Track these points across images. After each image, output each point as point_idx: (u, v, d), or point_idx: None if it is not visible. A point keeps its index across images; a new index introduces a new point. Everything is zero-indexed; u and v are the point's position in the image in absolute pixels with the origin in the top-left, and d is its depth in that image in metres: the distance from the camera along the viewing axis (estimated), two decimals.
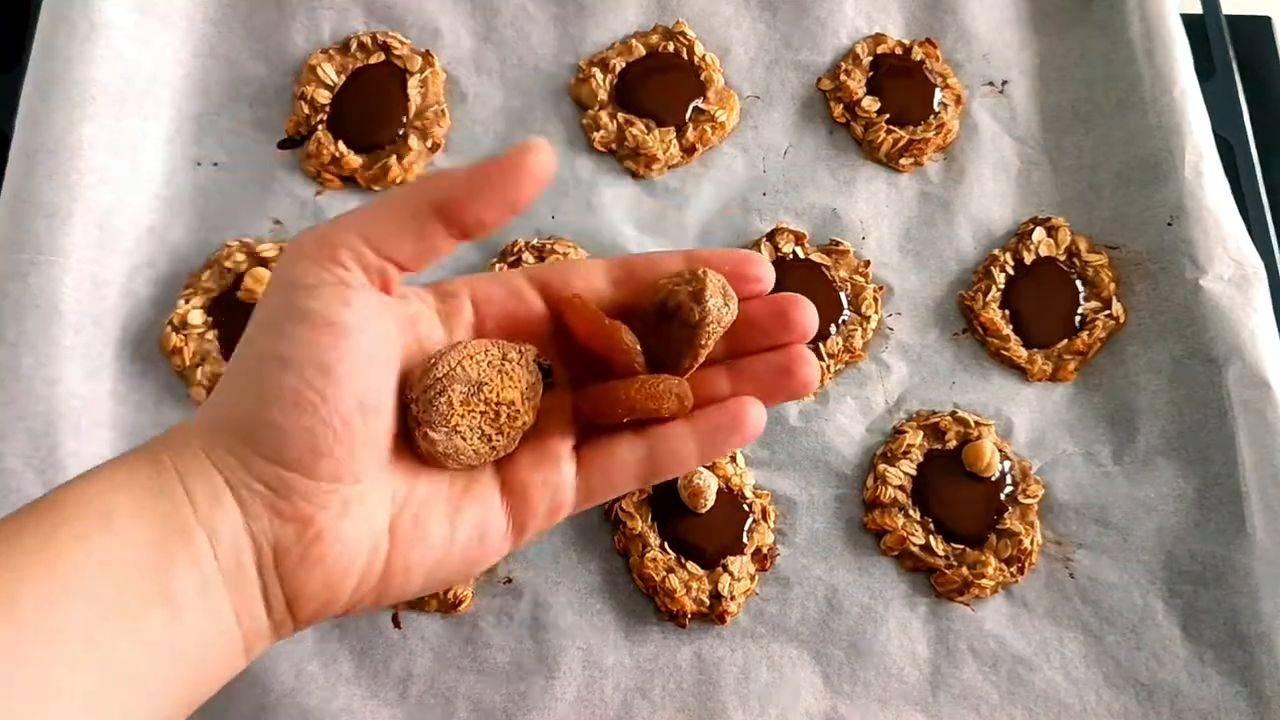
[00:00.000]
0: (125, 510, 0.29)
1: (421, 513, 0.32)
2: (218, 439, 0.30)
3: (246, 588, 0.30)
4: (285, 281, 0.31)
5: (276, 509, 0.30)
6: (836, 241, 0.56)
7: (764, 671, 0.48)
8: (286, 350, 0.29)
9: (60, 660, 0.26)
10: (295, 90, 0.57)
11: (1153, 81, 0.58)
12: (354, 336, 0.30)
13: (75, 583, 0.27)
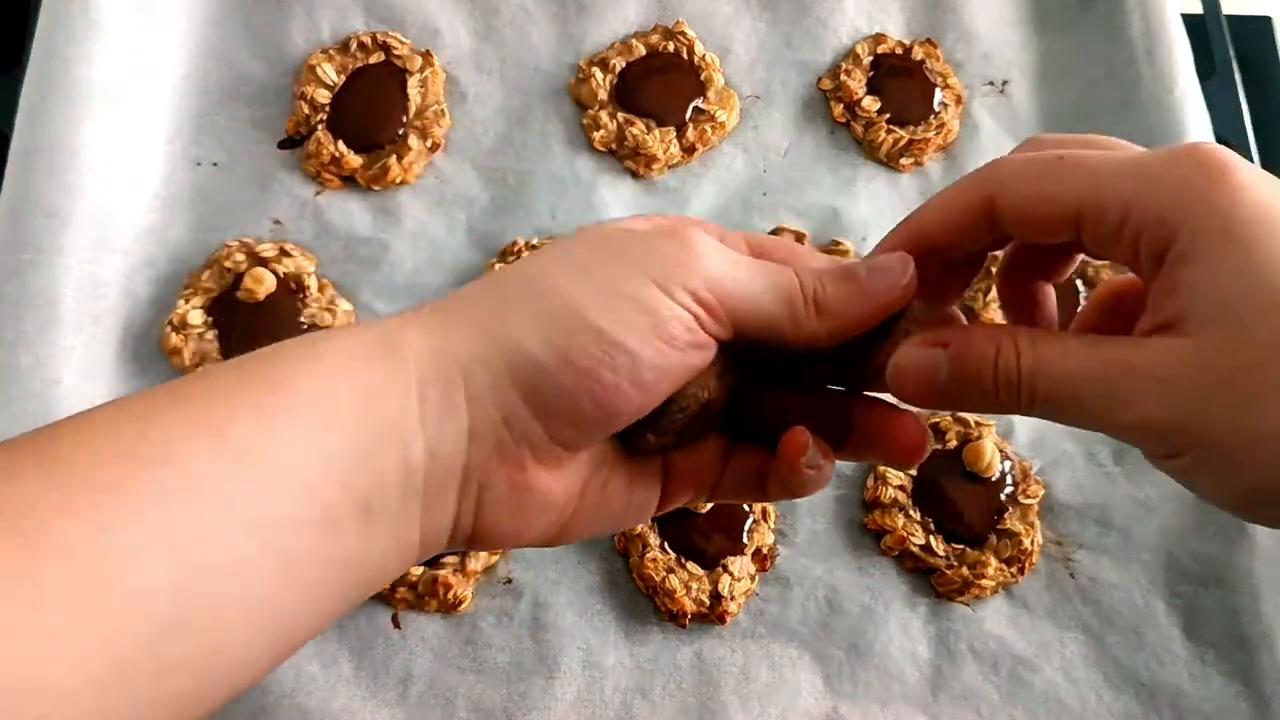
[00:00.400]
0: (350, 413, 0.27)
1: (609, 482, 0.32)
2: (488, 361, 0.28)
3: (441, 508, 0.29)
4: (645, 267, 0.29)
5: (503, 452, 0.29)
6: (837, 241, 0.56)
7: (764, 672, 0.48)
8: (615, 332, 0.28)
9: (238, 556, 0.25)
10: (295, 90, 0.57)
11: (1153, 81, 0.58)
12: (683, 356, 0.29)
13: (280, 478, 0.26)
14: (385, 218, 0.56)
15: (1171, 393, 0.27)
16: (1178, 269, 0.28)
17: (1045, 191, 0.29)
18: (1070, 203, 0.29)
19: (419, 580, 0.48)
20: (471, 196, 0.57)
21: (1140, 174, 0.28)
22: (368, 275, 0.54)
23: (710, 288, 0.29)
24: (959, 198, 0.31)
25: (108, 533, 0.24)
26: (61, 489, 0.24)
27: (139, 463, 0.25)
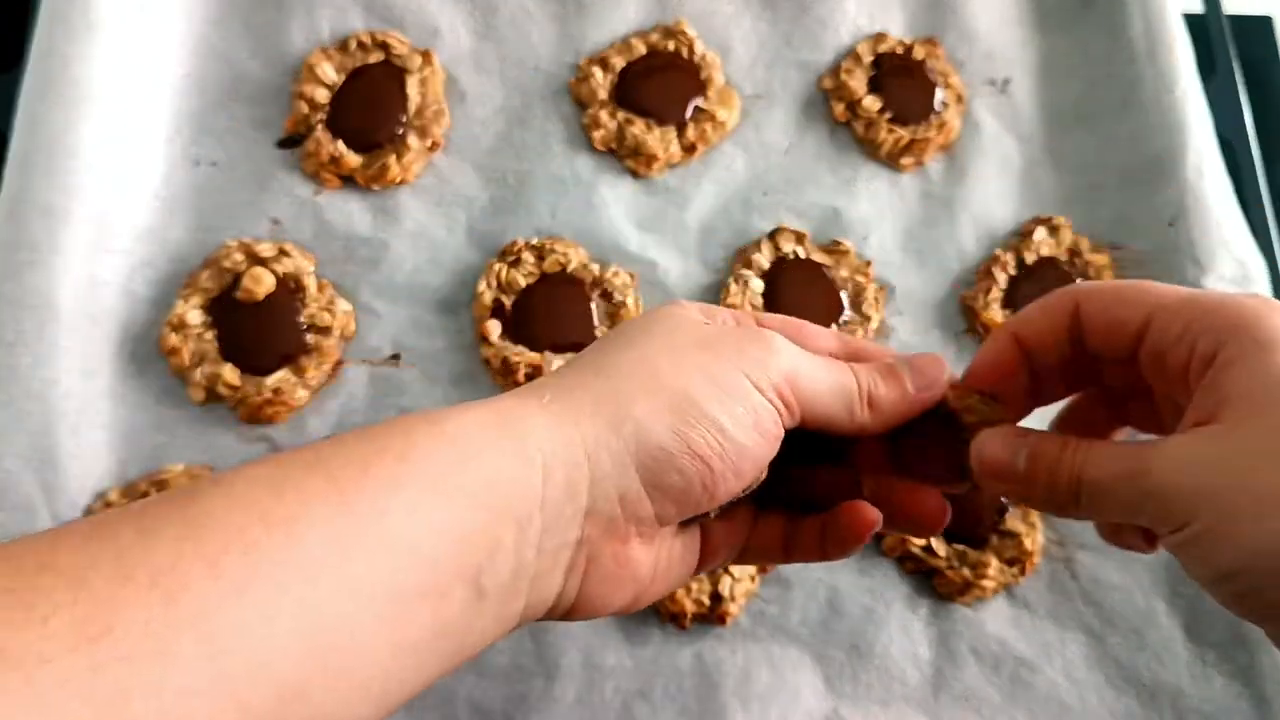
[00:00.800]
0: (473, 489, 0.29)
1: (671, 553, 0.35)
2: (613, 446, 0.31)
3: (549, 583, 0.31)
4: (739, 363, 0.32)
5: (614, 528, 0.31)
6: (838, 241, 0.56)
7: (765, 673, 0.48)
8: (728, 425, 0.31)
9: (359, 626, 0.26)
10: (294, 89, 0.57)
11: (1154, 81, 0.58)
12: (768, 446, 0.32)
13: (401, 547, 0.27)
14: (384, 217, 0.56)
15: (1194, 462, 0.31)
16: (1222, 372, 0.32)
17: (1122, 300, 0.34)
18: (1141, 313, 0.34)
19: None
20: (471, 196, 0.56)
21: (1202, 297, 0.33)
22: (367, 275, 0.54)
23: (789, 383, 0.33)
24: (1052, 301, 0.36)
25: (244, 597, 0.24)
26: (200, 550, 0.24)
27: (274, 530, 0.25)
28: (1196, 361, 0.33)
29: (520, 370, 0.51)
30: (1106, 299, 0.35)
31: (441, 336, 0.53)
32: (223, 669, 0.23)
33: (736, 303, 0.54)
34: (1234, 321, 0.32)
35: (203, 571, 0.24)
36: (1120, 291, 0.35)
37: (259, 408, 0.50)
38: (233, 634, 0.24)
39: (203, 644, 0.23)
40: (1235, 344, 0.32)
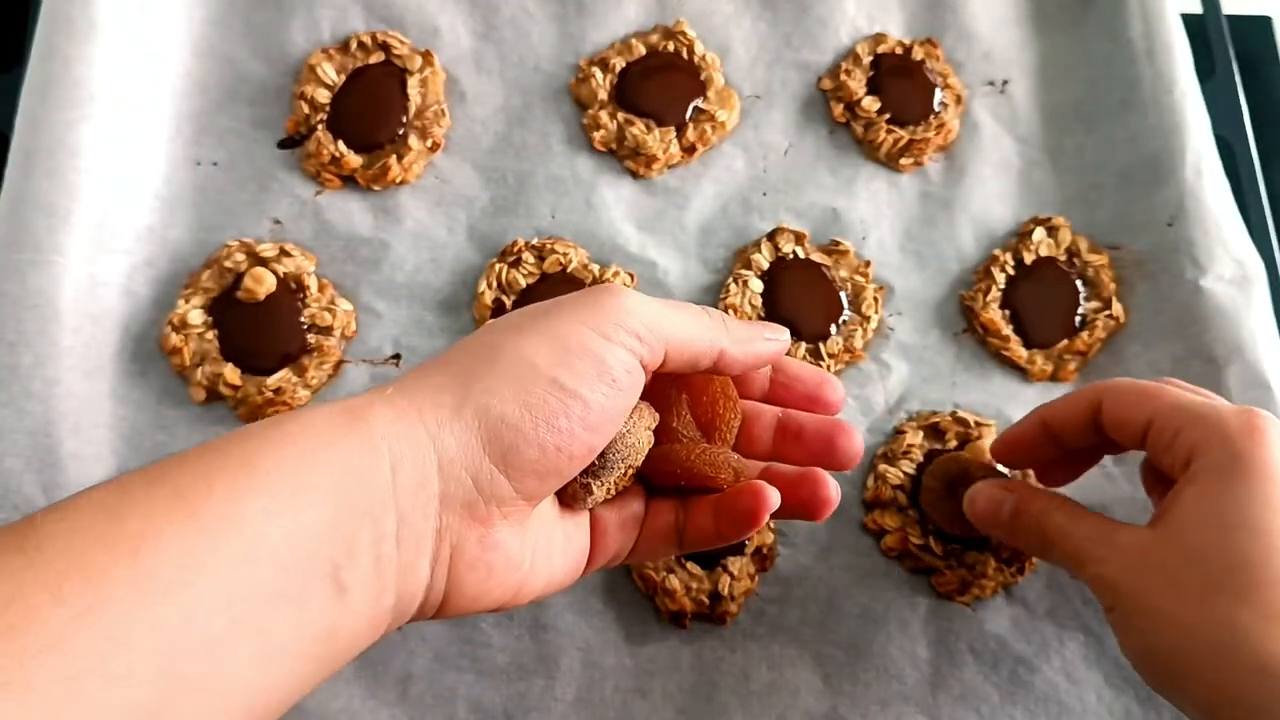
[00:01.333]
0: (321, 486, 0.28)
1: (551, 542, 0.35)
2: (457, 428, 0.30)
3: (415, 577, 0.31)
4: (584, 318, 0.33)
5: (473, 511, 0.31)
6: (837, 241, 0.56)
7: (764, 672, 0.48)
8: (568, 380, 0.31)
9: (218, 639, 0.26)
10: (295, 90, 0.57)
11: (1153, 81, 0.58)
12: (624, 397, 0.33)
13: (254, 553, 0.27)
14: (385, 218, 0.56)
15: (1126, 562, 0.38)
16: (1185, 485, 0.38)
17: (1134, 403, 0.41)
18: (1145, 416, 0.40)
19: None
20: (471, 196, 0.57)
21: (1198, 410, 0.39)
22: (368, 275, 0.54)
23: (646, 324, 0.33)
24: (1082, 394, 0.43)
25: (91, 621, 0.24)
26: (43, 579, 0.24)
27: (118, 550, 0.25)
28: (1178, 466, 0.39)
29: None
30: (1121, 398, 0.41)
31: (442, 337, 0.54)
32: (75, 695, 0.23)
33: (736, 303, 0.54)
34: (1209, 441, 0.37)
35: (46, 599, 0.24)
36: (1134, 394, 0.41)
37: (260, 407, 0.51)
38: (83, 660, 0.23)
39: (52, 672, 0.23)
40: (1201, 461, 0.37)
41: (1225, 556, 0.35)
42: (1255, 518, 0.35)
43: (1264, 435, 0.37)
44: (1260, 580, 0.34)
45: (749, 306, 0.54)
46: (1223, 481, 0.36)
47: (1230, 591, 0.35)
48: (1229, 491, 0.36)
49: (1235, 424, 0.37)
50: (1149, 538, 0.38)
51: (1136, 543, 0.38)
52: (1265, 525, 0.35)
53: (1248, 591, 0.34)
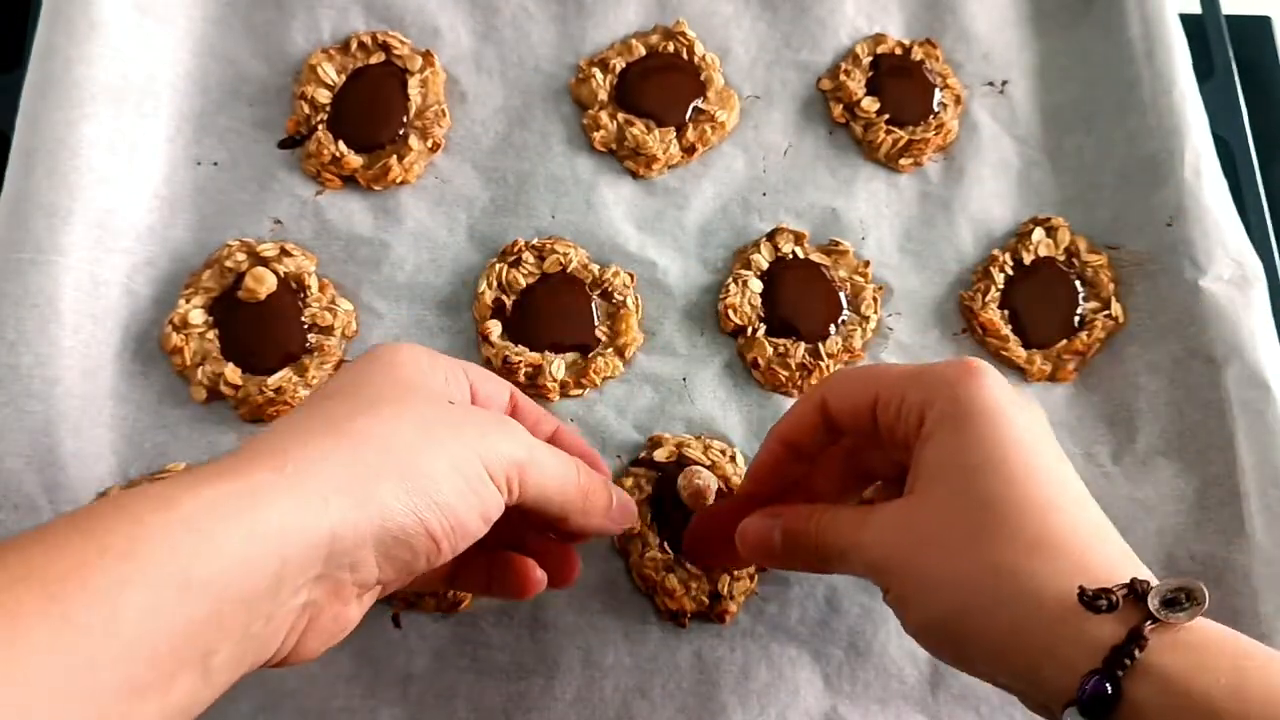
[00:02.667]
0: (209, 583, 0.28)
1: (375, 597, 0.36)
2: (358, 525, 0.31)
3: (271, 647, 0.31)
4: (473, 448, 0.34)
5: (340, 592, 0.32)
6: (836, 241, 0.56)
7: (763, 671, 0.48)
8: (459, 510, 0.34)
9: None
10: (295, 90, 0.57)
11: (1152, 82, 0.58)
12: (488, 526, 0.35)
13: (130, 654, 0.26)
14: (386, 218, 0.56)
15: (888, 540, 0.36)
16: (923, 444, 0.36)
17: (856, 388, 0.39)
18: (869, 395, 0.38)
19: None
20: (472, 196, 0.57)
21: (914, 374, 0.37)
22: (368, 275, 0.54)
23: (520, 471, 0.35)
24: (805, 398, 0.41)
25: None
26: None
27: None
28: (910, 432, 0.37)
29: (521, 370, 0.52)
30: (842, 388, 0.40)
31: (442, 336, 0.54)
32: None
33: (736, 303, 0.54)
34: (932, 393, 0.36)
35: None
36: (853, 376, 0.40)
37: (261, 407, 0.51)
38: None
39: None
40: (932, 415, 0.36)
41: (973, 502, 0.34)
42: (989, 456, 0.34)
43: (980, 377, 0.36)
44: (1009, 515, 0.33)
45: (748, 306, 0.54)
46: (954, 430, 0.35)
47: (986, 535, 0.33)
48: (961, 437, 0.35)
49: (953, 373, 0.36)
50: (904, 507, 0.36)
51: (893, 516, 0.36)
52: (999, 459, 0.34)
53: (1000, 529, 0.33)
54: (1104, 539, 0.34)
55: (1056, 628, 0.32)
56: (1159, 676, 0.30)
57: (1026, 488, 0.34)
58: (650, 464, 0.51)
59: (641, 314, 0.54)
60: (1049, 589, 0.32)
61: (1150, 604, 0.31)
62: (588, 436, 0.52)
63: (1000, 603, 0.33)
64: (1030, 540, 0.33)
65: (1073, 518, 0.34)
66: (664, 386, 0.53)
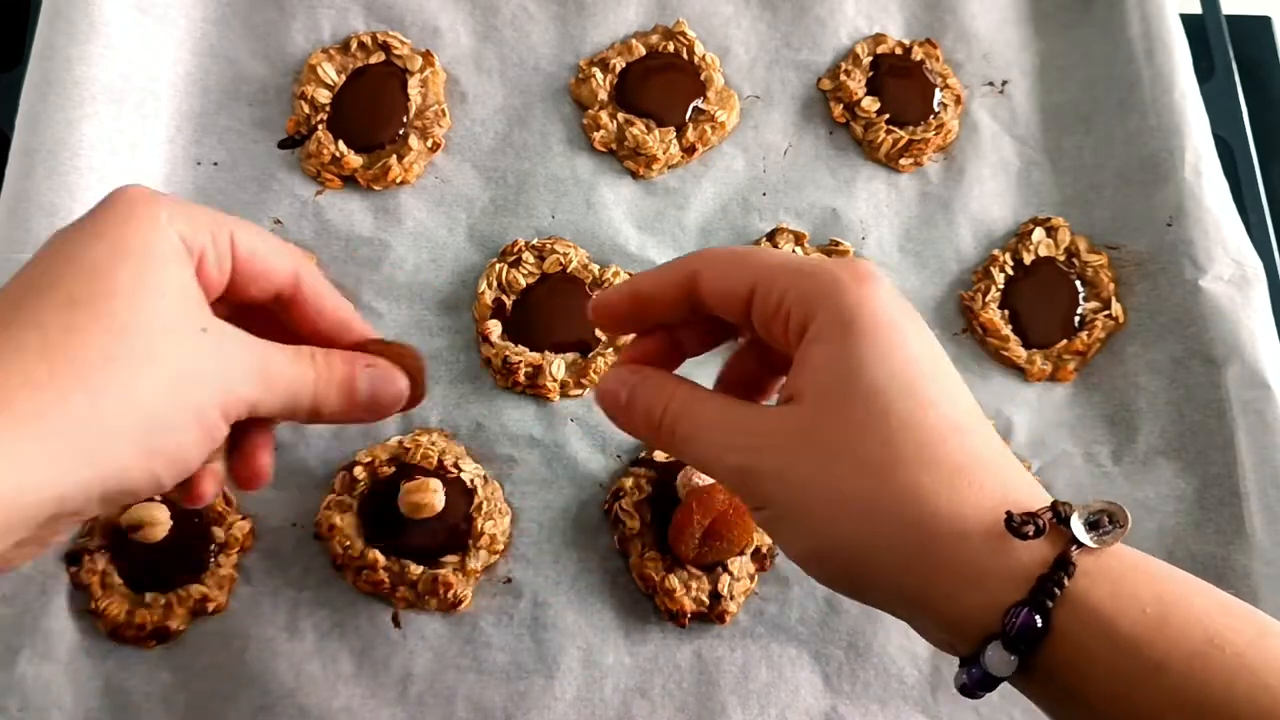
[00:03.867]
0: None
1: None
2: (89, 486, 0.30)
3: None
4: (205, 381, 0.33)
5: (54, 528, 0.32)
6: (836, 241, 0.56)
7: (763, 671, 0.48)
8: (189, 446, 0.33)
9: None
10: (295, 90, 0.57)
11: (1152, 82, 0.58)
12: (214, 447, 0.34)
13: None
14: (386, 218, 0.56)
15: (769, 446, 0.32)
16: (810, 347, 0.33)
17: (730, 273, 0.35)
18: (745, 283, 0.34)
19: (419, 579, 0.48)
20: (472, 196, 0.57)
21: (800, 267, 0.34)
22: (369, 275, 0.54)
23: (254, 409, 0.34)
24: (673, 269, 0.37)
25: None
26: None
27: None
28: (792, 333, 0.34)
29: (521, 370, 0.52)
30: (717, 267, 0.36)
31: (442, 336, 0.54)
32: None
33: None
34: (821, 295, 0.33)
35: None
36: (730, 260, 0.36)
37: None
38: None
39: None
40: (821, 319, 0.33)
41: (882, 422, 0.31)
42: (896, 374, 0.31)
43: (874, 284, 0.33)
44: (926, 438, 0.31)
45: None
46: (849, 341, 0.32)
47: (899, 457, 0.30)
48: (860, 350, 0.32)
49: (843, 275, 0.33)
50: (795, 417, 0.33)
51: (782, 425, 0.33)
52: (909, 379, 0.32)
53: (919, 452, 0.30)
54: (1014, 464, 0.32)
55: (978, 556, 0.30)
56: (1083, 607, 0.29)
57: (940, 410, 0.31)
58: (650, 464, 0.51)
59: None
60: (970, 515, 0.30)
61: (1074, 528, 0.30)
62: (588, 436, 0.52)
63: (912, 528, 0.30)
64: (952, 465, 0.31)
65: (986, 441, 0.32)
66: None
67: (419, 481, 0.48)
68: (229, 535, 0.48)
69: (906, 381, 0.31)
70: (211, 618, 0.48)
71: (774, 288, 0.34)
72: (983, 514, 0.30)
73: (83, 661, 0.46)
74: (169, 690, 0.46)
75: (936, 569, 0.30)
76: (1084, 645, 0.29)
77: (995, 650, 0.30)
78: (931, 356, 0.33)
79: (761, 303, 0.34)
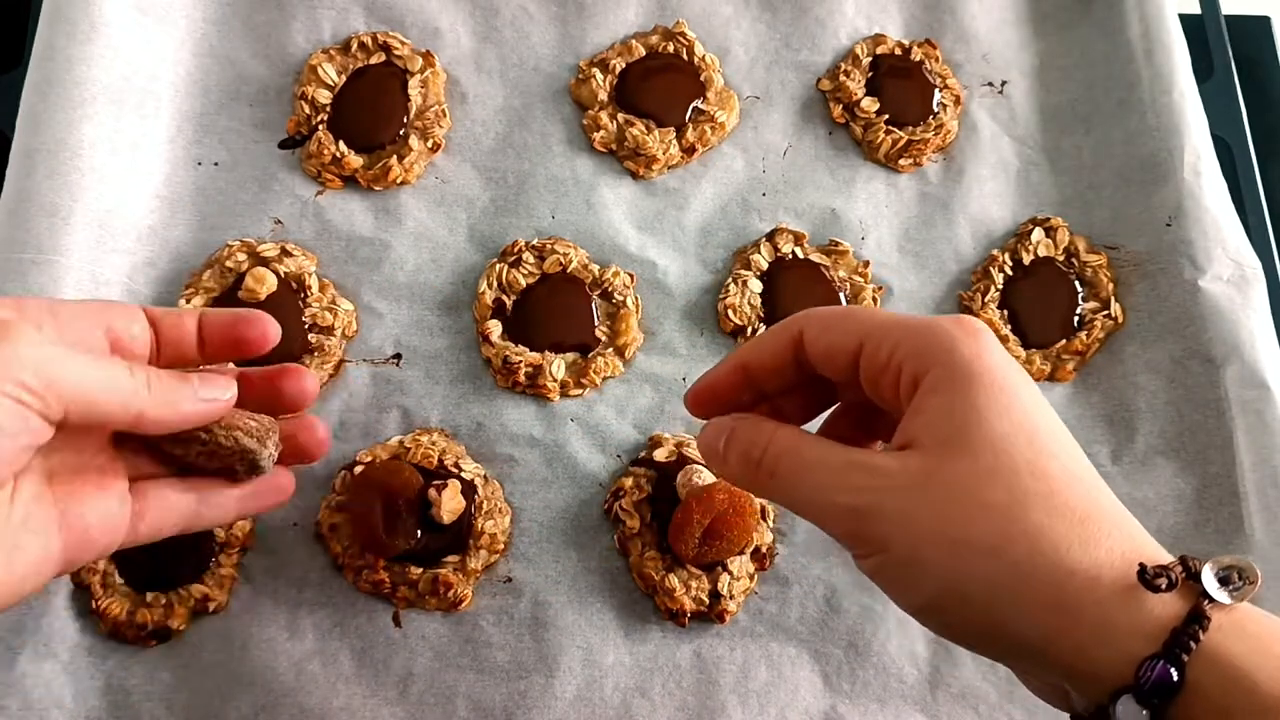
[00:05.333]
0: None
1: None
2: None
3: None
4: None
5: None
6: (836, 242, 0.57)
7: (763, 670, 0.48)
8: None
9: None
10: (295, 90, 0.57)
11: (1152, 82, 0.58)
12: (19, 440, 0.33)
13: None
14: (386, 218, 0.56)
15: (888, 487, 0.32)
16: (926, 398, 0.33)
17: (837, 328, 0.36)
18: (853, 339, 0.35)
19: (420, 579, 0.48)
20: (472, 197, 0.57)
21: (910, 324, 0.34)
22: (369, 275, 0.54)
23: (42, 377, 0.32)
24: (779, 330, 0.37)
25: None
26: None
27: None
28: (904, 387, 0.34)
29: (521, 370, 0.52)
30: (823, 325, 0.36)
31: (443, 336, 0.54)
32: None
33: (735, 303, 0.54)
34: (936, 349, 0.33)
35: None
36: (837, 317, 0.36)
37: None
38: None
39: None
40: (936, 371, 0.33)
41: (1013, 467, 0.31)
42: (1019, 424, 0.32)
43: (984, 338, 0.33)
44: (1056, 487, 0.31)
45: (748, 307, 0.54)
46: (964, 392, 0.32)
47: (1032, 504, 0.30)
48: (977, 401, 0.32)
49: (954, 331, 0.33)
50: (914, 460, 0.32)
51: (901, 468, 0.32)
52: (1031, 428, 0.32)
53: (1048, 499, 0.30)
54: (1132, 517, 0.32)
55: (1108, 608, 0.29)
56: (1218, 662, 0.28)
57: (1062, 460, 0.32)
58: (650, 464, 0.51)
59: (641, 314, 0.54)
60: (1102, 565, 0.30)
61: (1206, 582, 0.29)
62: (588, 436, 0.52)
63: (1043, 572, 0.30)
64: (1081, 513, 0.30)
65: (1105, 493, 0.32)
66: (664, 386, 0.53)
67: (449, 485, 0.48)
68: (229, 535, 0.48)
69: (1028, 432, 0.32)
70: (212, 617, 0.48)
71: (884, 343, 0.34)
72: (1114, 563, 0.30)
73: (83, 661, 0.46)
74: (169, 690, 0.46)
75: (1066, 618, 0.30)
76: (1219, 701, 0.28)
77: (1127, 704, 0.29)
78: (1045, 410, 0.33)
79: (870, 358, 0.34)
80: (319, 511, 0.49)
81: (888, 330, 0.34)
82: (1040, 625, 0.30)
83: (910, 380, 0.34)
